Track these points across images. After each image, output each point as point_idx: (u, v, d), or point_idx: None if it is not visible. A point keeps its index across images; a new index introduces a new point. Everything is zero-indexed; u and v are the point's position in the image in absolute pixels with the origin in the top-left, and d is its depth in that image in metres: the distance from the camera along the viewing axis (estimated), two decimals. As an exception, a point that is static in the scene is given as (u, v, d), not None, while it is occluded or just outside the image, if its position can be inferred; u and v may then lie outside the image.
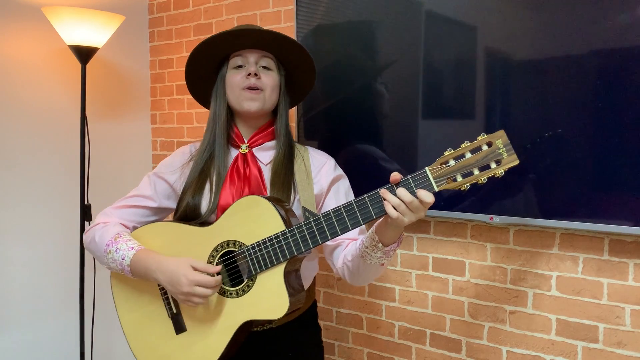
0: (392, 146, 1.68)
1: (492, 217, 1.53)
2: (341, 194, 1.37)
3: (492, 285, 1.65)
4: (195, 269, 1.19)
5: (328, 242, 1.29)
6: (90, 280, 2.17)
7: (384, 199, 1.07)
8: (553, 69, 1.40)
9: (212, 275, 1.20)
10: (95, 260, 2.18)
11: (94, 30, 1.97)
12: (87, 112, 2.08)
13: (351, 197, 1.39)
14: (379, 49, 1.67)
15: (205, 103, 1.49)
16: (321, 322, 2.03)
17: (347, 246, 1.30)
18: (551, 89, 1.40)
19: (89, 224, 2.08)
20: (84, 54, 2.01)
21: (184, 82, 2.40)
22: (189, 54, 1.37)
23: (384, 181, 1.10)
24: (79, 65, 2.04)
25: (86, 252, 2.11)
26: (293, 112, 1.96)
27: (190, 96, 1.53)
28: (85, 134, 2.08)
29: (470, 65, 1.52)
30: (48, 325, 2.18)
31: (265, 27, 1.40)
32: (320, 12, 1.80)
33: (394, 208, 1.06)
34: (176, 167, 1.41)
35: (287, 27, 2.02)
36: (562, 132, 1.39)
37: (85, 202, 2.08)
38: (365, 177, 1.72)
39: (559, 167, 1.41)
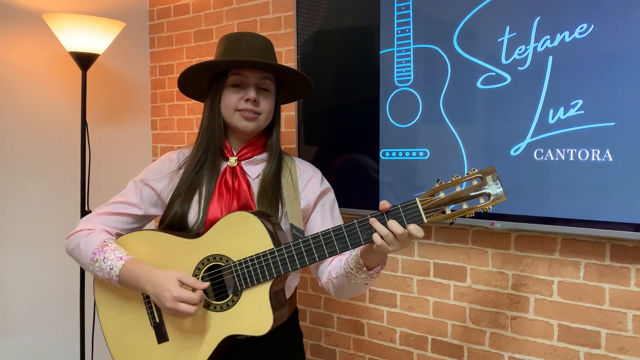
0: (392, 152, 1.68)
1: (493, 223, 1.53)
2: (327, 208, 1.38)
3: (494, 291, 1.64)
4: (183, 284, 1.18)
5: None
6: (91, 287, 2.16)
7: (373, 228, 1.09)
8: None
9: (199, 291, 1.18)
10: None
11: (95, 37, 1.97)
12: (87, 118, 2.09)
13: (336, 210, 1.40)
14: (379, 55, 1.67)
15: (199, 99, 1.46)
16: (322, 328, 2.03)
17: (332, 262, 1.30)
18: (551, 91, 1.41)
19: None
20: (85, 61, 2.01)
21: (185, 88, 2.41)
22: (185, 69, 1.33)
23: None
24: (79, 72, 2.04)
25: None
26: (293, 117, 1.96)
27: (191, 101, 1.52)
28: (86, 140, 2.08)
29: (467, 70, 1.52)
30: (49, 332, 2.17)
31: (263, 34, 1.39)
32: (320, 18, 1.81)
33: (381, 237, 1.08)
34: (164, 175, 1.38)
35: (287, 33, 2.02)
36: (562, 135, 1.39)
37: (86, 208, 2.08)
38: (360, 186, 1.73)
39: (560, 172, 1.41)
